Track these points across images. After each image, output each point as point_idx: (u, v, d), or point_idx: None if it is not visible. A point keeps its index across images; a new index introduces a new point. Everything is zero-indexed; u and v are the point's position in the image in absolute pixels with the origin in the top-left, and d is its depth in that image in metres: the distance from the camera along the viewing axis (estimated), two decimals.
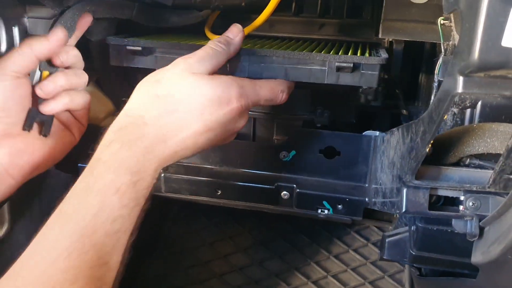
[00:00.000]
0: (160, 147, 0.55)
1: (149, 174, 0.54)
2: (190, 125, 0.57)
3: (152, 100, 0.57)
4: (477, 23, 0.41)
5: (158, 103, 0.56)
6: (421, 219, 0.66)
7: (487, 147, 0.56)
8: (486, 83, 0.44)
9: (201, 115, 0.57)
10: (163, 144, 0.55)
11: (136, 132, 0.55)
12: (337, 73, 0.67)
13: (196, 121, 0.57)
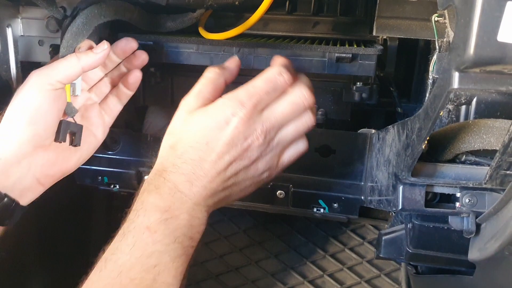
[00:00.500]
0: (186, 186, 0.57)
1: (185, 212, 0.57)
2: (204, 159, 0.58)
3: (169, 151, 0.60)
4: (473, 18, 0.40)
5: (173, 152, 0.60)
6: (417, 217, 0.66)
7: (483, 144, 0.56)
8: (481, 78, 0.44)
9: (207, 146, 0.58)
10: (188, 183, 0.58)
11: (159, 179, 0.58)
12: (337, 63, 0.69)
13: (207, 154, 0.58)
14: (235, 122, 0.58)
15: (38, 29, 0.76)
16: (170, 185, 0.57)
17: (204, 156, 0.58)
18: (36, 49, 0.77)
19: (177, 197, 0.57)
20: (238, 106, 0.58)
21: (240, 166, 0.60)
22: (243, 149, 0.59)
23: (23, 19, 0.76)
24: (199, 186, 0.58)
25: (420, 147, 0.53)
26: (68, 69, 0.64)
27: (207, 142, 0.58)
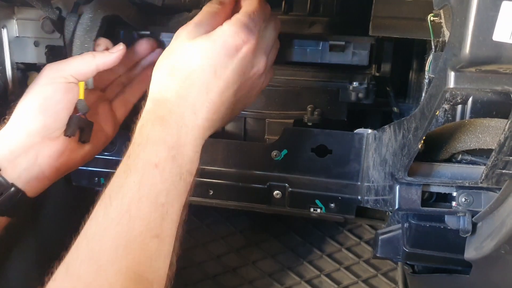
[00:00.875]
0: (191, 118, 0.55)
1: (189, 148, 0.55)
2: (210, 89, 0.56)
3: (168, 78, 0.57)
4: (468, 17, 0.41)
5: (173, 79, 0.56)
6: (414, 216, 0.66)
7: (479, 143, 0.56)
8: (477, 78, 0.44)
9: (215, 74, 0.56)
10: (193, 115, 0.55)
11: (162, 110, 0.55)
12: (330, 52, 0.73)
13: (214, 82, 0.56)
14: (245, 50, 0.57)
15: (33, 30, 0.75)
16: (175, 117, 0.55)
17: (210, 84, 0.56)
18: (32, 50, 0.76)
19: (183, 131, 0.55)
20: (249, 33, 0.57)
21: (243, 92, 0.61)
22: (248, 78, 0.60)
23: (18, 20, 0.75)
24: (203, 118, 0.56)
25: (417, 146, 0.54)
26: (82, 65, 0.66)
27: (215, 69, 0.56)
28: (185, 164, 0.54)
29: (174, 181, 0.53)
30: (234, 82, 0.57)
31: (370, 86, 0.78)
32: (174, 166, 0.53)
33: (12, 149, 0.64)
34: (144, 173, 0.51)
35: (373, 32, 0.71)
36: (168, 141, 0.53)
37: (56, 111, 0.65)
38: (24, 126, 0.64)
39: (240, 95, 0.60)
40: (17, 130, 0.64)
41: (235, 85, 0.58)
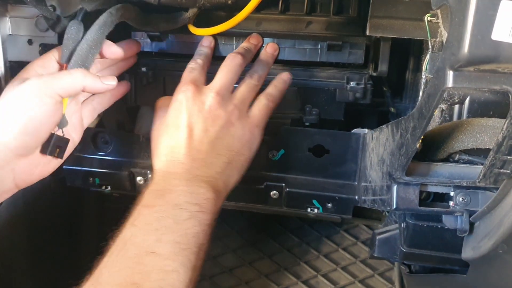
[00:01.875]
0: (176, 165, 0.63)
1: (180, 186, 0.60)
2: (180, 139, 0.64)
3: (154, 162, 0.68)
4: (467, 16, 0.40)
5: (155, 159, 0.67)
6: (411, 216, 0.66)
7: (477, 142, 0.56)
8: (475, 77, 0.44)
9: (177, 129, 0.65)
10: (177, 163, 0.63)
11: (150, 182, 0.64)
12: (328, 51, 0.77)
13: (180, 134, 0.64)
14: (185, 97, 0.65)
15: (27, 28, 0.74)
16: (160, 174, 0.62)
17: (179, 138, 0.63)
18: (25, 48, 0.76)
19: (169, 177, 0.61)
20: (182, 89, 0.66)
21: (215, 127, 0.64)
22: (207, 111, 0.64)
23: (12, 18, 0.74)
24: (189, 160, 0.62)
25: (415, 146, 0.53)
26: (71, 84, 0.63)
27: (177, 126, 0.64)
28: (179, 197, 0.58)
29: (167, 210, 0.57)
30: (194, 123, 0.64)
31: (368, 86, 0.78)
32: (164, 201, 0.58)
33: None
34: (136, 214, 0.57)
35: (370, 32, 0.71)
36: (155, 189, 0.60)
37: (39, 131, 0.63)
38: (3, 142, 0.61)
39: (214, 130, 0.65)
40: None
41: (197, 124, 0.64)
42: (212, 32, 0.72)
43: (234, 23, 0.70)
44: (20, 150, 0.62)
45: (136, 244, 0.53)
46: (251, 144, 0.68)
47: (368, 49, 0.79)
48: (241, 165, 0.67)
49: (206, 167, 0.62)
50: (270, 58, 0.75)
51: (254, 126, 0.68)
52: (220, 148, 0.64)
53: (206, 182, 0.61)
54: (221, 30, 0.71)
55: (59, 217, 1.00)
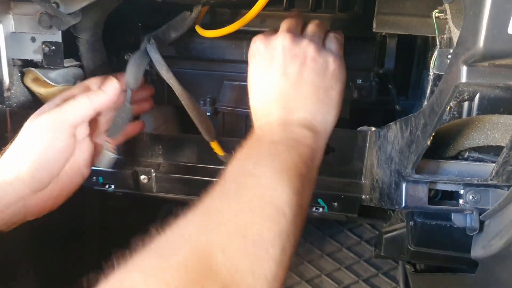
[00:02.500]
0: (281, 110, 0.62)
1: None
2: (276, 76, 0.62)
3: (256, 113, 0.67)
4: (483, 10, 0.40)
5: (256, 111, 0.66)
6: (420, 214, 0.65)
7: (488, 140, 0.55)
8: (490, 72, 0.43)
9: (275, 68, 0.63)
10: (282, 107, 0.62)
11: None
12: None
13: (274, 71, 0.63)
14: (281, 48, 0.62)
15: (30, 26, 0.73)
16: (257, 126, 0.62)
17: (271, 87, 0.62)
18: (29, 45, 0.75)
19: (265, 127, 0.60)
20: (280, 36, 0.63)
21: (299, 64, 0.62)
22: (292, 51, 0.62)
23: (15, 15, 0.73)
24: (281, 108, 0.61)
25: (425, 143, 0.53)
26: (80, 112, 0.65)
27: (271, 73, 0.62)
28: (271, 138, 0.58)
29: (263, 148, 0.56)
30: (286, 65, 0.62)
31: (373, 84, 0.77)
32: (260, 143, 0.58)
33: (3, 200, 0.63)
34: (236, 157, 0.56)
35: (377, 28, 0.70)
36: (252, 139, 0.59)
37: (53, 167, 0.65)
38: (19, 179, 0.63)
39: (301, 67, 0.62)
40: (10, 181, 0.63)
41: (289, 63, 0.62)
42: (221, 34, 0.71)
43: (243, 23, 0.69)
44: (35, 186, 0.64)
45: (235, 173, 0.53)
46: (338, 75, 0.64)
47: (374, 47, 0.78)
48: (334, 100, 0.64)
49: (298, 110, 0.61)
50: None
51: (335, 56, 0.65)
52: (307, 88, 0.62)
53: (300, 124, 0.60)
54: (229, 31, 0.70)
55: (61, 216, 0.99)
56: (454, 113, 0.59)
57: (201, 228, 0.47)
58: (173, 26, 0.74)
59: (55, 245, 0.99)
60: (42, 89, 0.78)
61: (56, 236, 0.99)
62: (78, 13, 0.70)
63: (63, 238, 1.02)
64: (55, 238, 0.99)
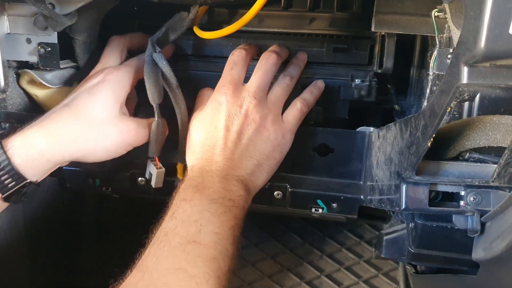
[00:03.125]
0: (212, 164, 0.65)
1: (215, 183, 0.63)
2: (217, 140, 0.67)
3: (188, 159, 0.72)
4: (483, 10, 0.39)
5: (192, 156, 0.71)
6: (420, 216, 0.64)
7: (489, 140, 0.54)
8: (491, 73, 0.42)
9: (215, 129, 0.67)
10: (213, 162, 0.65)
11: (186, 178, 0.66)
12: (334, 53, 0.77)
13: (217, 135, 0.67)
14: (225, 99, 0.67)
15: (25, 27, 0.72)
16: (196, 170, 0.65)
17: (215, 138, 0.66)
18: (24, 47, 0.74)
19: (205, 174, 0.63)
20: (221, 90, 0.68)
21: (250, 130, 0.66)
22: (243, 115, 0.66)
23: (10, 17, 0.72)
24: (223, 159, 0.64)
25: (426, 145, 0.52)
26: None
27: (214, 126, 0.67)
28: (215, 192, 0.61)
29: (205, 204, 0.59)
30: (231, 124, 0.66)
31: (372, 83, 0.76)
32: (202, 195, 0.60)
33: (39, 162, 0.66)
34: (175, 207, 0.60)
35: (376, 28, 0.69)
36: (192, 185, 0.62)
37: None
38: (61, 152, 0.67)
39: (249, 133, 0.67)
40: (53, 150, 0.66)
41: (233, 126, 0.66)
42: (219, 35, 0.71)
43: (242, 24, 0.68)
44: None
45: (179, 234, 0.56)
46: (282, 149, 0.70)
47: (373, 46, 0.77)
48: (270, 168, 0.69)
49: (238, 168, 0.65)
50: (301, 62, 0.76)
51: (287, 131, 0.70)
52: (252, 151, 0.67)
53: (238, 181, 0.64)
54: (228, 33, 0.70)
55: (58, 218, 0.99)
56: (454, 114, 0.59)
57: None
58: (172, 27, 0.73)
59: (52, 247, 0.99)
60: (38, 91, 0.77)
61: (53, 238, 0.99)
62: (74, 14, 0.69)
63: (60, 240, 1.01)
64: (52, 240, 0.98)
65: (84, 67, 0.78)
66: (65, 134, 0.66)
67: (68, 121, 0.67)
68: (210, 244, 0.56)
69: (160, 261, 0.54)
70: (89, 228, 1.08)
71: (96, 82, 0.69)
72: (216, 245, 0.56)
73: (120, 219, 1.07)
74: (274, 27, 0.79)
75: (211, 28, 0.73)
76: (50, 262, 0.99)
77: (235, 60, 0.71)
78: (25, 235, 0.91)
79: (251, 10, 0.66)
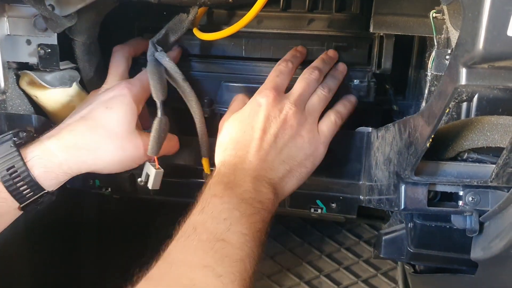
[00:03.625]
0: (246, 162, 0.65)
1: (246, 182, 0.62)
2: (252, 140, 0.66)
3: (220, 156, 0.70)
4: (482, 12, 0.39)
5: (223, 153, 0.69)
6: (419, 216, 0.64)
7: (487, 141, 0.54)
8: (489, 74, 0.43)
9: (252, 128, 0.67)
10: (247, 160, 0.65)
11: (217, 173, 0.66)
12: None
13: (253, 135, 0.67)
14: (265, 102, 0.67)
15: (25, 28, 0.72)
16: (228, 167, 0.64)
17: (251, 137, 0.65)
18: (24, 48, 0.74)
19: (237, 172, 0.63)
20: (263, 93, 0.68)
21: (286, 136, 0.66)
22: (282, 119, 0.66)
23: (10, 18, 0.73)
24: (257, 160, 0.64)
25: (425, 145, 0.52)
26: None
27: (251, 126, 0.66)
28: (245, 192, 0.60)
29: (235, 202, 0.59)
30: (268, 127, 0.66)
31: (371, 84, 0.77)
32: (233, 193, 0.60)
33: (56, 174, 0.67)
34: (205, 202, 0.59)
35: (375, 29, 0.70)
36: (224, 181, 0.62)
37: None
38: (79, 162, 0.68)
39: (284, 139, 0.67)
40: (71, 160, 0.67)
41: (271, 129, 0.66)
42: (219, 37, 0.71)
43: (241, 25, 0.68)
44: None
45: (208, 230, 0.55)
46: (314, 159, 0.69)
47: (371, 47, 0.78)
48: (301, 176, 0.68)
49: (271, 170, 0.65)
50: (340, 75, 0.77)
51: (320, 143, 0.70)
52: (285, 156, 0.66)
53: (269, 184, 0.63)
54: (227, 34, 0.70)
55: (58, 219, 0.99)
56: (452, 114, 0.59)
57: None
58: (172, 29, 0.74)
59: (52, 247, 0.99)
60: (38, 92, 0.78)
61: (53, 239, 0.99)
62: (73, 15, 0.70)
63: (60, 240, 1.01)
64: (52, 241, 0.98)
65: (83, 68, 0.78)
66: (84, 146, 0.67)
67: (86, 133, 0.67)
68: (238, 244, 0.55)
69: (188, 255, 0.54)
70: (89, 229, 1.08)
71: (112, 96, 0.70)
72: (243, 246, 0.55)
73: (119, 219, 1.07)
74: (273, 28, 0.79)
75: (211, 29, 0.73)
76: (49, 263, 0.99)
77: (282, 70, 0.72)
78: (25, 236, 0.91)
79: (251, 11, 0.66)
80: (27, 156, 0.64)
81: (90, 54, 0.77)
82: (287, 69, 0.73)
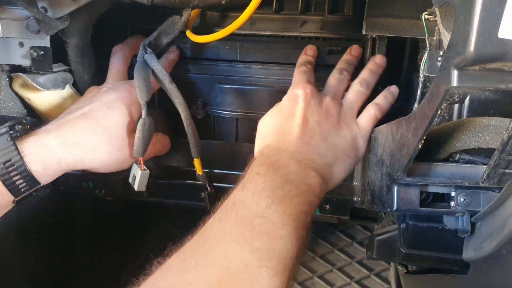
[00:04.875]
0: (290, 146, 0.63)
1: (292, 163, 0.60)
2: (292, 127, 0.65)
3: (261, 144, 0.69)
4: (473, 15, 0.40)
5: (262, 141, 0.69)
6: (412, 217, 0.65)
7: (479, 142, 0.55)
8: (481, 76, 0.43)
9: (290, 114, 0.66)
10: (290, 143, 0.63)
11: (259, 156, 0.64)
12: (328, 55, 0.79)
13: (291, 122, 0.66)
14: (303, 93, 0.66)
15: (18, 30, 0.72)
16: (272, 149, 0.62)
17: (293, 124, 0.64)
18: (17, 50, 0.73)
19: (282, 154, 0.61)
20: (299, 85, 0.68)
21: (329, 124, 0.66)
22: (324, 109, 0.66)
23: (2, 20, 0.72)
24: (301, 143, 0.63)
25: (417, 146, 0.53)
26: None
27: (292, 114, 0.65)
28: (290, 173, 0.58)
29: (279, 181, 0.56)
30: (310, 115, 0.65)
31: None
32: (276, 173, 0.57)
33: (54, 170, 0.67)
34: (248, 180, 0.57)
35: (367, 31, 0.70)
36: (268, 162, 0.59)
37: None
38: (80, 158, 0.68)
39: (326, 126, 0.66)
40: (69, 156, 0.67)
41: (312, 117, 0.65)
42: (212, 39, 0.71)
43: (234, 28, 0.68)
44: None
45: (248, 206, 0.53)
46: (356, 151, 0.68)
47: (364, 49, 0.78)
48: (346, 165, 0.67)
49: (316, 155, 0.63)
50: (379, 68, 0.75)
51: (360, 136, 0.69)
52: (330, 143, 0.65)
53: (315, 169, 0.61)
54: (220, 37, 0.70)
55: (51, 221, 0.99)
56: (444, 116, 0.60)
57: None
58: (164, 31, 0.74)
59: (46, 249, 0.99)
60: (30, 94, 0.77)
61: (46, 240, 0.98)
62: (66, 17, 0.70)
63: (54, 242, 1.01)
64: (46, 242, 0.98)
65: (77, 70, 0.78)
66: (84, 144, 0.67)
67: (87, 132, 0.67)
68: (279, 223, 0.52)
69: (224, 230, 0.52)
70: (83, 231, 1.07)
71: (115, 96, 0.70)
72: (285, 225, 0.53)
73: (113, 221, 1.06)
74: (266, 30, 0.80)
75: (204, 32, 0.73)
76: (43, 264, 0.99)
77: (305, 71, 0.73)
78: (18, 237, 0.90)
79: (244, 13, 0.66)
80: (24, 150, 0.64)
81: (83, 56, 0.77)
82: (309, 70, 0.73)
